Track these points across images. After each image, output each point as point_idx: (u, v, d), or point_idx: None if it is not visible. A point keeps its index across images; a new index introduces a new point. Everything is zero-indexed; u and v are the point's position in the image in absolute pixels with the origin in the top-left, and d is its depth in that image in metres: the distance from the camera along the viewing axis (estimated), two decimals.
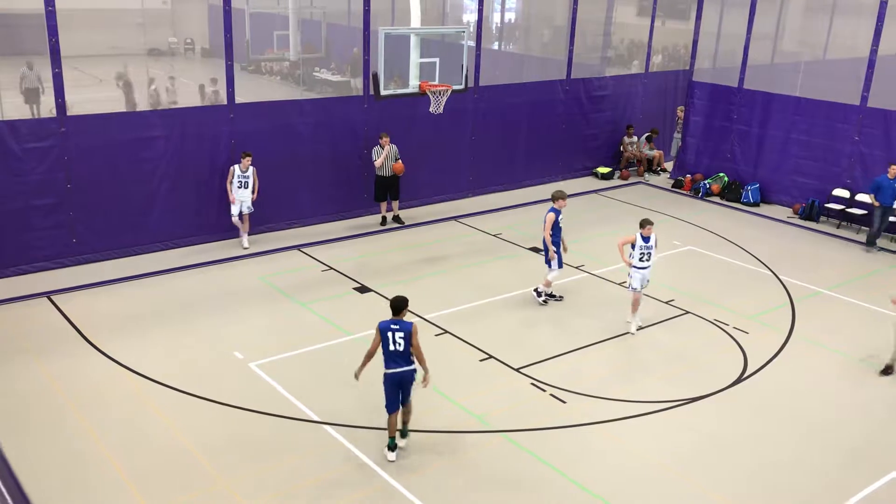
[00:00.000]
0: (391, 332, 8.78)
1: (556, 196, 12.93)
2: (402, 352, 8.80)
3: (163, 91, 24.46)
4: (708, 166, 20.56)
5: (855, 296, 14.08)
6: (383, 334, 8.81)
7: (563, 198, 12.94)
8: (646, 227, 11.98)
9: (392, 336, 8.77)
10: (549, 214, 12.82)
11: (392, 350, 8.81)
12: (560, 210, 12.88)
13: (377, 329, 8.86)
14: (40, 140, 13.26)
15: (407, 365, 8.88)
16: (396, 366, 8.85)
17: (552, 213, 12.80)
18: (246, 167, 14.61)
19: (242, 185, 14.68)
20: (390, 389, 8.95)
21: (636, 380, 11.05)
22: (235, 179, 14.62)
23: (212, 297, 13.36)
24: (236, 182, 14.63)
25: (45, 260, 13.68)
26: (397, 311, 8.84)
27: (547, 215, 12.86)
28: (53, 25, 12.91)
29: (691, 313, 13.11)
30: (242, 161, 14.59)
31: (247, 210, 14.90)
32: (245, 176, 14.64)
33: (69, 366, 10.85)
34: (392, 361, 8.86)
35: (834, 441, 9.86)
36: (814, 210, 18.19)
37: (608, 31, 25.16)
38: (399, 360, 8.83)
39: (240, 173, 14.62)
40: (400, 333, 8.75)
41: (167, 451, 9.12)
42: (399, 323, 8.80)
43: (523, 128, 19.58)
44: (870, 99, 17.52)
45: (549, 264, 13.10)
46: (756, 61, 20.50)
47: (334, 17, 29.99)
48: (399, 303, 8.88)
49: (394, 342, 8.77)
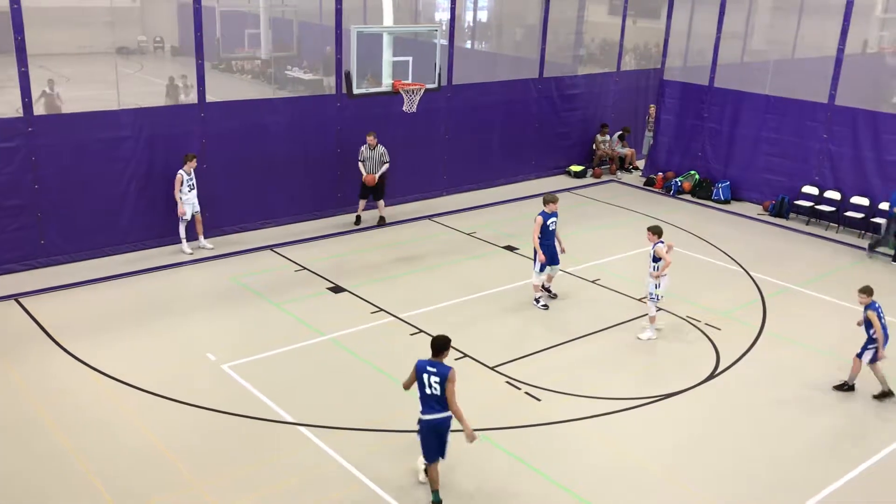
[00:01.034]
0: (427, 375, 7.95)
1: (548, 199, 12.93)
2: (438, 396, 7.94)
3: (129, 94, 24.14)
4: (679, 164, 20.73)
5: (824, 291, 14.27)
6: (419, 375, 8.01)
7: (554, 201, 12.91)
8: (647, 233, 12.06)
9: (427, 379, 7.96)
10: (538, 218, 12.80)
11: (428, 394, 7.98)
12: (551, 213, 12.82)
13: (414, 368, 8.09)
14: (6, 140, 13.03)
15: (444, 411, 8.00)
16: (432, 411, 8.01)
17: (540, 217, 12.78)
18: (190, 170, 14.30)
19: (191, 188, 14.37)
20: (427, 437, 8.12)
21: (610, 377, 11.11)
22: (185, 185, 14.26)
23: (183, 298, 13.23)
24: (186, 187, 14.27)
25: (13, 262, 13.45)
26: (438, 351, 8.00)
27: (535, 218, 12.84)
28: (19, 22, 12.69)
29: (663, 310, 13.19)
30: (188, 164, 14.23)
31: (197, 210, 14.60)
32: (191, 178, 14.36)
33: (38, 369, 10.68)
34: (427, 406, 8.04)
35: (806, 434, 9.99)
36: (783, 207, 18.42)
37: (580, 30, 25.27)
38: (435, 405, 7.98)
39: (187, 178, 14.29)
40: (436, 378, 7.90)
41: (139, 455, 9.01)
42: (437, 365, 7.95)
43: (497, 126, 19.61)
44: (837, 97, 17.77)
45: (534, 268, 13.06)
46: (726, 60, 20.71)
47: (306, 16, 29.81)
48: (441, 343, 8.02)
49: (429, 385, 7.95)
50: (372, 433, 9.59)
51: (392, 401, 10.30)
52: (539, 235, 12.76)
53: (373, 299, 13.13)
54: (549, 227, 12.85)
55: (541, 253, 12.77)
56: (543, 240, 12.82)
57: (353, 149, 16.88)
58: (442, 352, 8.00)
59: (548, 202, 12.89)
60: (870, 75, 24.96)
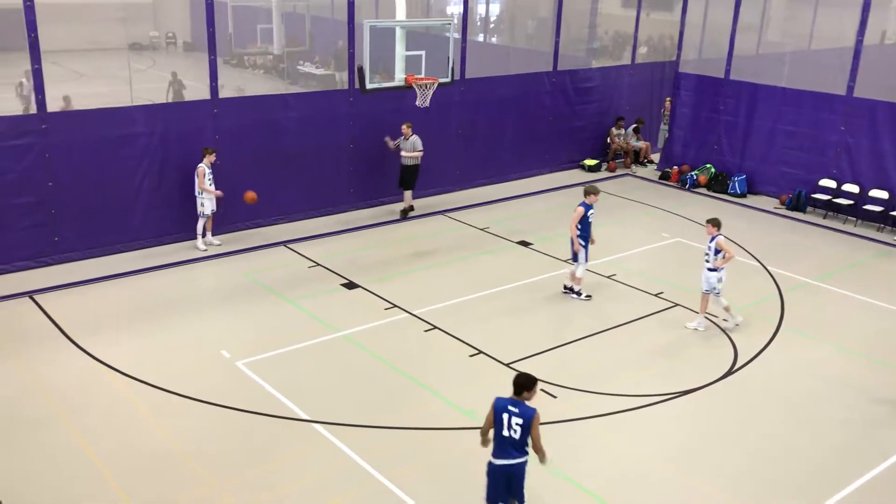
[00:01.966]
0: (507, 416, 7.19)
1: (589, 191, 12.89)
2: (516, 440, 7.21)
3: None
4: (695, 157, 20.55)
5: (842, 286, 14.10)
6: (497, 415, 7.25)
7: (595, 193, 12.86)
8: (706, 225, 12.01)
9: (508, 420, 7.19)
10: (578, 208, 12.75)
11: (505, 436, 7.24)
12: (591, 205, 12.79)
13: (492, 406, 7.33)
14: (20, 137, 13.05)
15: (520, 456, 7.30)
16: (507, 456, 7.29)
17: (581, 208, 12.73)
18: (211, 163, 14.29)
19: (210, 183, 14.33)
20: (496, 481, 7.42)
21: (627, 373, 11.01)
22: (207, 177, 14.24)
23: (197, 294, 13.22)
24: (207, 181, 14.25)
25: (27, 259, 13.47)
26: (521, 390, 7.23)
27: (576, 209, 12.79)
28: (32, 20, 12.69)
29: (680, 305, 13.08)
30: (207, 157, 14.21)
31: (215, 207, 14.58)
32: (211, 173, 14.34)
33: (53, 366, 10.69)
34: (502, 450, 7.31)
35: (824, 432, 9.85)
36: (800, 200, 18.22)
37: (594, 23, 25.07)
38: (511, 449, 7.26)
39: (209, 171, 14.28)
40: (518, 419, 7.15)
41: (153, 452, 8.99)
42: (519, 406, 7.19)
43: (510, 120, 19.49)
44: (855, 89, 17.55)
45: (575, 259, 13.02)
46: (742, 52, 20.49)
47: (318, 10, 29.75)
48: (525, 381, 7.24)
49: (508, 427, 7.19)
50: (387, 430, 9.53)
51: (407, 398, 10.25)
52: (578, 227, 12.73)
53: (386, 295, 13.07)
54: (588, 219, 12.82)
55: (577, 242, 12.74)
56: (581, 231, 12.79)
57: (365, 144, 16.83)
58: (525, 391, 7.22)
59: (589, 193, 12.87)
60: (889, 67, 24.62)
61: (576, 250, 12.82)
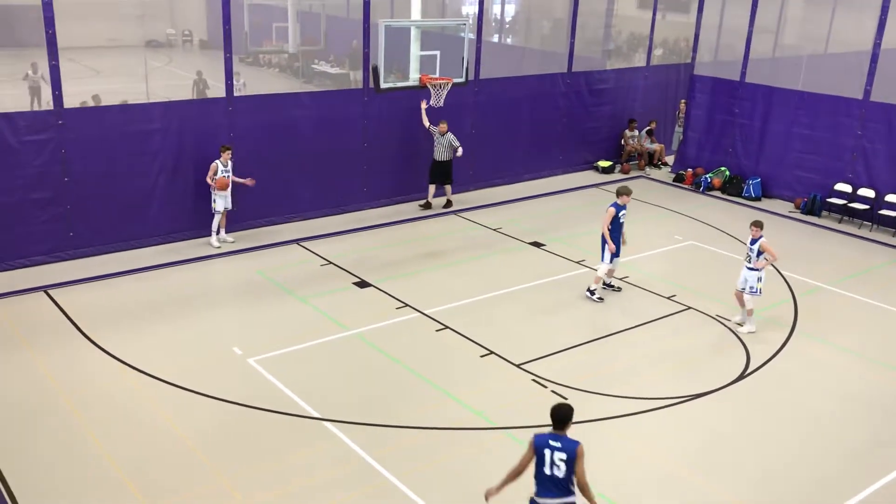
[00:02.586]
0: (549, 451, 6.70)
1: (621, 192, 12.94)
2: (560, 479, 6.70)
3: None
4: (709, 160, 20.46)
5: (857, 291, 14.01)
6: (538, 451, 6.75)
7: (628, 194, 12.90)
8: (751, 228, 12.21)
9: (550, 456, 6.70)
10: (610, 209, 12.81)
11: (547, 475, 6.72)
12: (623, 206, 12.83)
13: (531, 443, 6.81)
14: (37, 133, 13.14)
15: (565, 495, 6.77)
16: (551, 496, 6.77)
17: (612, 208, 12.79)
18: (227, 161, 14.30)
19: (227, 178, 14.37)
20: None
21: (638, 376, 10.97)
22: (221, 173, 14.24)
23: (210, 291, 13.28)
24: (217, 175, 14.22)
25: (42, 254, 13.57)
26: (562, 423, 6.79)
27: (608, 209, 12.84)
28: (50, 17, 12.78)
29: (693, 308, 13.03)
30: (223, 155, 14.26)
31: (230, 205, 14.60)
32: (227, 170, 14.31)
33: (66, 361, 10.77)
34: (544, 488, 6.79)
35: (837, 439, 9.79)
36: (815, 205, 18.11)
37: (609, 24, 25.01)
38: (553, 488, 6.75)
39: (223, 168, 14.27)
40: (561, 454, 6.67)
41: (164, 447, 9.04)
42: (561, 440, 6.73)
43: (524, 121, 19.46)
44: (873, 93, 17.42)
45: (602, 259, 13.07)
46: (757, 55, 20.39)
47: (334, 9, 29.83)
48: (565, 413, 6.80)
49: (551, 464, 6.69)
50: (397, 429, 9.54)
51: (417, 398, 10.26)
52: (609, 227, 12.78)
53: (398, 294, 13.08)
54: (620, 220, 12.87)
55: (611, 243, 12.78)
56: (612, 232, 12.84)
57: (379, 143, 16.86)
58: (566, 423, 6.80)
59: (622, 194, 12.91)
60: None
61: (611, 249, 12.87)
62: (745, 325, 12.36)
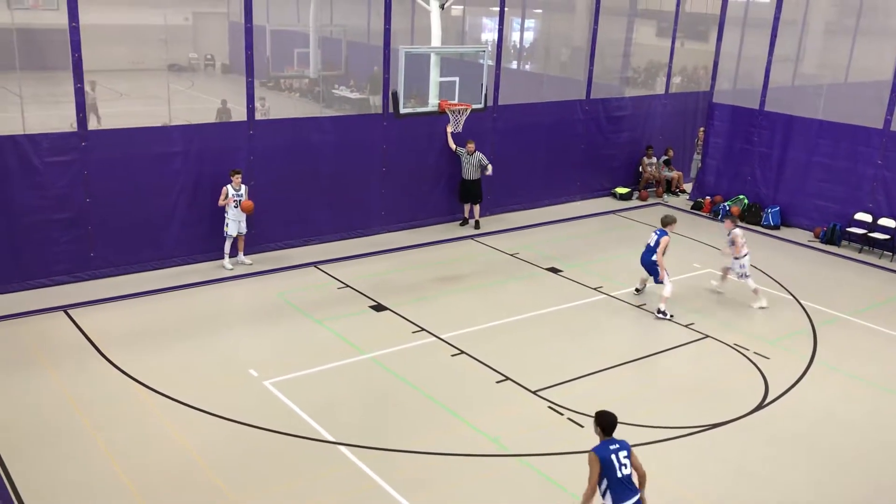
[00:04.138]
0: (614, 456, 7.11)
1: (668, 221, 14.02)
2: (629, 475, 7.16)
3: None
4: (728, 188, 20.40)
5: (877, 322, 13.86)
6: (606, 462, 7.07)
7: (675, 221, 14.14)
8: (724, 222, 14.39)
9: (617, 459, 7.12)
10: (664, 238, 13.69)
11: (620, 477, 7.08)
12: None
13: (595, 458, 7.08)
14: (61, 154, 13.32)
15: (637, 492, 7.21)
16: (632, 494, 7.13)
17: (666, 237, 13.72)
18: (238, 185, 14.36)
19: (237, 205, 14.37)
20: None
21: (655, 404, 10.88)
22: (230, 198, 14.29)
23: (228, 313, 13.34)
24: (232, 203, 14.33)
25: (63, 274, 13.70)
26: (612, 428, 7.32)
27: (661, 238, 13.68)
28: (77, 41, 13.00)
29: (711, 337, 12.94)
30: (234, 179, 14.31)
31: (244, 230, 14.63)
32: (239, 194, 14.37)
33: (84, 380, 10.83)
34: (623, 492, 7.10)
35: (855, 471, 9.64)
36: (835, 234, 17.98)
37: (628, 52, 25.09)
38: (630, 488, 7.15)
39: (234, 192, 14.33)
40: (624, 453, 7.17)
41: (180, 469, 9.05)
42: (619, 442, 7.25)
43: (542, 147, 19.52)
44: (894, 122, 17.34)
45: (663, 282, 13.64)
46: (777, 83, 20.38)
47: (355, 36, 30.10)
48: (613, 420, 7.34)
49: (621, 467, 7.11)
50: (412, 455, 9.51)
51: (433, 423, 10.22)
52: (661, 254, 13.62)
53: (414, 318, 13.09)
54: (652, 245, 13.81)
55: (663, 270, 13.63)
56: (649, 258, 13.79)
57: (398, 168, 16.95)
58: (615, 427, 7.36)
59: (669, 223, 13.99)
60: None
61: (661, 278, 13.59)
62: (756, 303, 14.07)
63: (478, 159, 17.39)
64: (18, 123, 17.98)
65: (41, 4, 28.67)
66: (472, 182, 17.54)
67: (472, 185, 17.59)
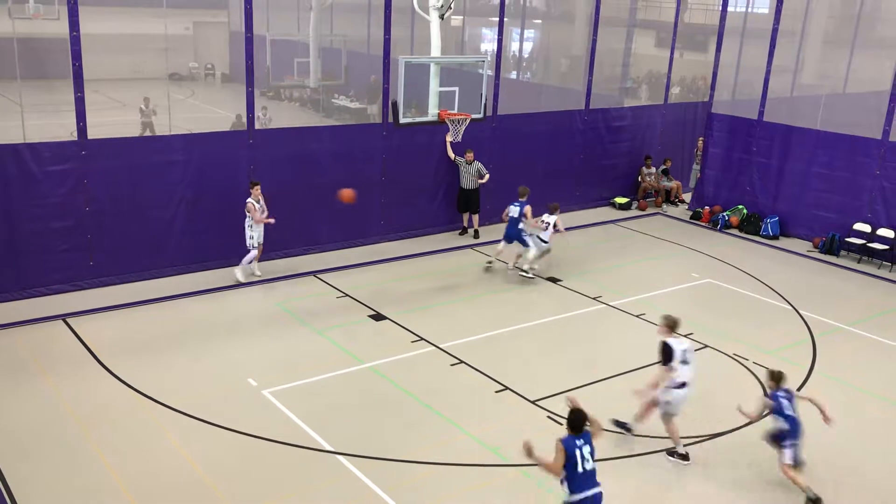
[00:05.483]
0: (578, 451, 7.53)
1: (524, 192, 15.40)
2: (592, 471, 7.61)
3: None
4: (727, 198, 20.42)
5: (876, 332, 13.86)
6: (570, 453, 7.50)
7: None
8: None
9: (580, 453, 7.53)
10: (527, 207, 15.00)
11: (581, 472, 7.51)
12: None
13: (562, 447, 7.51)
14: (61, 163, 13.34)
15: (598, 486, 7.65)
16: (590, 486, 7.58)
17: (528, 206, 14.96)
18: (258, 197, 14.33)
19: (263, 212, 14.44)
20: None
21: (655, 415, 10.83)
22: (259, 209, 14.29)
23: (227, 322, 13.33)
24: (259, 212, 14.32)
25: (62, 282, 13.70)
26: (581, 426, 7.64)
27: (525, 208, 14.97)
28: (77, 50, 13.03)
29: (710, 347, 12.94)
30: (254, 191, 14.27)
31: (261, 240, 14.64)
32: (261, 206, 14.39)
33: (82, 389, 10.81)
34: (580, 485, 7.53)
35: (856, 484, 9.63)
36: (834, 244, 18.00)
37: (627, 62, 25.21)
38: (593, 480, 7.61)
39: (258, 206, 14.34)
40: (588, 448, 7.58)
41: (178, 478, 9.03)
42: (585, 437, 7.62)
43: (541, 157, 19.54)
44: (892, 133, 17.38)
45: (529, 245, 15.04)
46: (775, 94, 20.45)
47: (354, 45, 30.24)
48: (583, 418, 7.67)
49: (583, 461, 7.53)
50: (411, 464, 9.49)
51: (432, 432, 10.20)
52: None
53: (413, 328, 13.08)
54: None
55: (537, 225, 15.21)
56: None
57: (397, 177, 16.97)
58: (585, 425, 7.66)
59: (524, 194, 15.22)
60: None
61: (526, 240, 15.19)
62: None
63: (476, 168, 17.45)
64: (19, 132, 18.02)
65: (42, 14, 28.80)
66: (470, 191, 17.59)
67: (471, 195, 17.64)
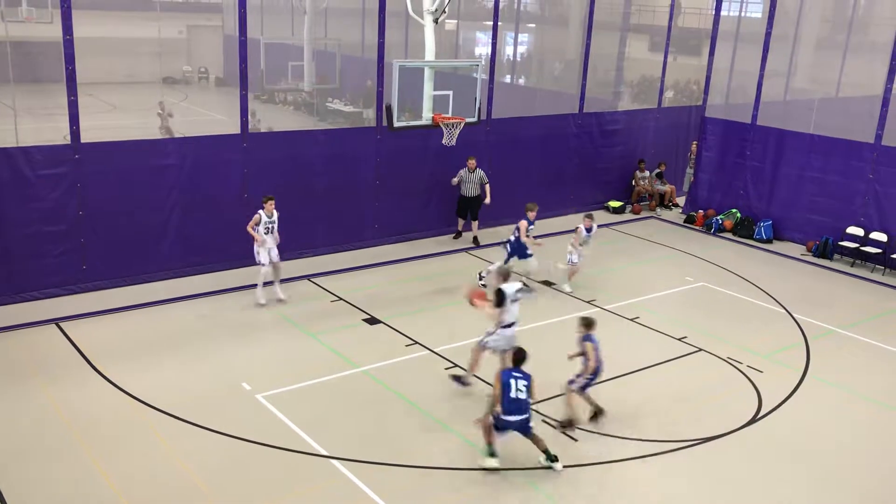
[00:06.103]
0: (514, 381, 9.28)
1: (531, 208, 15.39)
2: (523, 400, 9.30)
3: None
4: (720, 202, 20.47)
5: (869, 335, 13.90)
6: (505, 382, 9.27)
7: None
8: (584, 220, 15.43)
9: (515, 384, 9.26)
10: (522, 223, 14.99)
11: (512, 398, 9.24)
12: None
13: (498, 377, 9.37)
14: (54, 167, 13.30)
15: (525, 413, 9.36)
16: (518, 412, 9.32)
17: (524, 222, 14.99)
18: (271, 211, 13.77)
19: (269, 231, 13.79)
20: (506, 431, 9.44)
21: (648, 418, 10.87)
22: (262, 226, 13.70)
23: (221, 326, 13.28)
24: (262, 228, 13.71)
25: (55, 286, 13.65)
26: (522, 361, 9.51)
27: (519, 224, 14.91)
28: (71, 54, 13.00)
29: (704, 351, 12.95)
30: (267, 206, 13.72)
31: (276, 258, 14.02)
32: (271, 221, 13.80)
33: (75, 394, 10.76)
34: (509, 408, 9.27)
35: (850, 484, 9.65)
36: (827, 248, 18.05)
37: (620, 66, 25.25)
38: (521, 407, 9.31)
39: (267, 219, 13.73)
40: (523, 382, 9.31)
41: (172, 483, 8.99)
42: (522, 373, 9.39)
43: (535, 161, 19.57)
44: (884, 137, 17.46)
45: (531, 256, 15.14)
46: (769, 98, 20.50)
47: (349, 49, 30.23)
48: (525, 354, 9.57)
49: (517, 390, 9.25)
50: (404, 468, 9.47)
51: (426, 436, 10.19)
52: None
53: (408, 332, 13.06)
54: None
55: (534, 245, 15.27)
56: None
57: (391, 181, 16.96)
58: (524, 361, 9.47)
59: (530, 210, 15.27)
60: None
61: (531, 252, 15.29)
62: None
63: (479, 176, 17.49)
64: (12, 136, 17.94)
65: (35, 17, 28.74)
66: (472, 199, 17.64)
67: (472, 202, 17.67)
